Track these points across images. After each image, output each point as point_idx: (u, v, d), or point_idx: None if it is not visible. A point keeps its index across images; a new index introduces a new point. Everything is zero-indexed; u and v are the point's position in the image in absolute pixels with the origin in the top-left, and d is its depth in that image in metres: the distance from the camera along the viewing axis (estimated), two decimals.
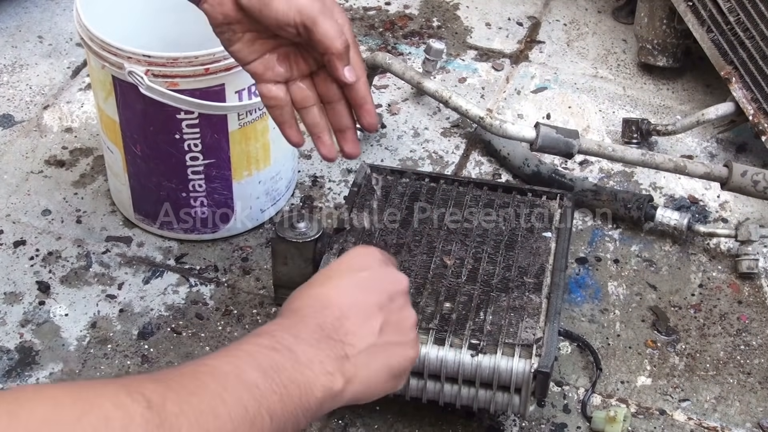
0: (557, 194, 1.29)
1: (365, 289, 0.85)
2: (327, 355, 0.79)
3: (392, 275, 0.89)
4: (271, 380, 0.72)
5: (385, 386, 0.85)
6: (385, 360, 0.84)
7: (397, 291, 0.87)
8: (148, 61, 1.20)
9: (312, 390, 0.76)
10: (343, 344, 0.80)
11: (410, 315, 0.88)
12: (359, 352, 0.81)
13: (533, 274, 1.18)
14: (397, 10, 1.81)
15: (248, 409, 0.69)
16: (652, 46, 1.63)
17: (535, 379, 1.07)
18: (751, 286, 1.36)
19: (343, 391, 0.79)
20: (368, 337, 0.83)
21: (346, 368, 0.80)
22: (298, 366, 0.75)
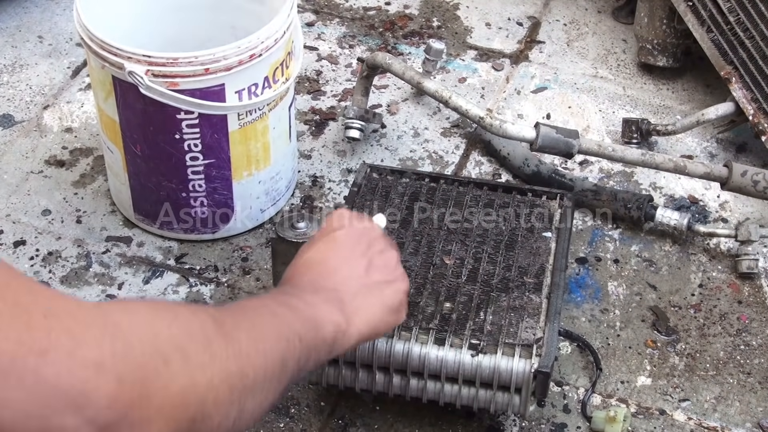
0: (557, 194, 1.29)
1: (344, 243, 0.98)
2: (325, 300, 0.90)
3: (365, 225, 1.02)
4: (294, 314, 0.84)
5: (387, 320, 0.97)
6: (379, 297, 0.96)
7: (374, 237, 1.00)
8: (148, 61, 1.20)
9: (324, 325, 0.87)
10: (336, 291, 0.92)
11: (392, 255, 1.01)
12: (353, 295, 0.93)
13: (533, 274, 1.18)
14: (397, 10, 1.81)
15: (283, 333, 0.80)
16: (652, 46, 1.63)
17: (535, 379, 1.07)
18: (751, 286, 1.36)
19: (349, 328, 0.90)
20: (357, 280, 0.95)
21: (345, 309, 0.91)
22: (308, 307, 0.87)
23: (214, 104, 1.24)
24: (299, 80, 1.65)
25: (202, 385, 0.67)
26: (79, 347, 0.60)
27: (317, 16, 1.79)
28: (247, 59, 1.23)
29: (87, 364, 0.60)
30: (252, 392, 0.73)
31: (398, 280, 0.99)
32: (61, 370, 0.59)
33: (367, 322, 0.93)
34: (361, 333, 0.92)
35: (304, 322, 0.85)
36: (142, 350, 0.64)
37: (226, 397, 0.69)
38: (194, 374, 0.67)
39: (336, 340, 0.89)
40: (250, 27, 1.26)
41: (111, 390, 0.61)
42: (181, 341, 0.67)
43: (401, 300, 0.98)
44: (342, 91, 1.64)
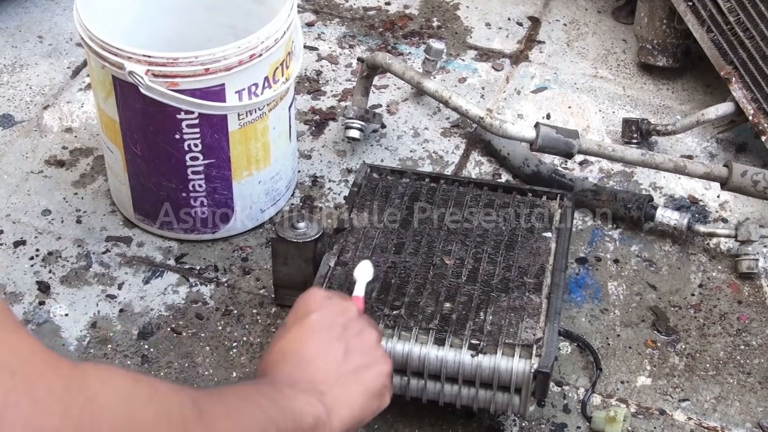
0: (557, 194, 1.29)
1: (318, 329, 0.91)
2: (303, 392, 0.85)
3: (339, 306, 0.94)
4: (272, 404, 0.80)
5: (371, 406, 0.91)
6: (360, 383, 0.90)
7: (349, 318, 0.93)
8: (148, 61, 1.20)
9: (303, 417, 0.83)
10: (314, 383, 0.87)
11: (370, 335, 0.94)
12: (332, 385, 0.88)
13: (533, 274, 1.18)
14: (397, 10, 1.81)
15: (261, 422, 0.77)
16: (652, 46, 1.63)
17: (535, 379, 1.07)
18: (751, 286, 1.36)
19: (330, 420, 0.85)
20: (335, 368, 0.89)
21: (325, 400, 0.86)
22: (286, 399, 0.83)
23: (214, 104, 1.24)
24: (299, 80, 1.65)
25: None
26: (40, 415, 0.56)
27: (317, 16, 1.79)
28: (247, 59, 1.23)
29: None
30: None
31: (379, 363, 0.93)
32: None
33: (349, 412, 0.88)
34: (343, 423, 0.87)
35: (283, 414, 0.81)
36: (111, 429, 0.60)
37: None
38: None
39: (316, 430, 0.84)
40: (250, 27, 1.26)
41: None
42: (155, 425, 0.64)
43: (384, 383, 0.92)
44: (342, 91, 1.64)
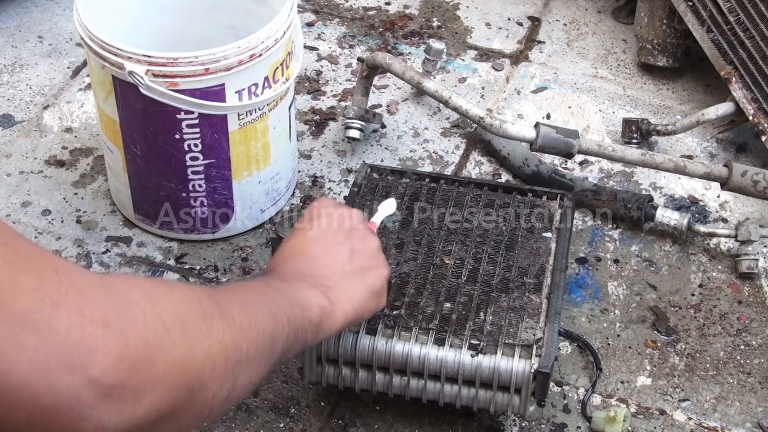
0: (557, 194, 1.29)
1: (325, 231, 1.02)
2: (310, 285, 0.93)
3: (345, 213, 1.05)
4: (281, 295, 0.87)
5: (370, 304, 1.00)
6: (362, 281, 0.99)
7: (354, 224, 1.04)
8: (148, 61, 1.20)
9: (310, 307, 0.90)
10: (320, 277, 0.95)
11: (373, 241, 1.04)
12: (337, 280, 0.96)
13: (533, 274, 1.18)
14: (397, 10, 1.81)
15: (273, 311, 0.83)
16: (652, 46, 1.63)
17: (535, 379, 1.07)
18: (751, 286, 1.36)
19: (334, 311, 0.93)
20: (340, 266, 0.98)
21: (329, 293, 0.94)
22: (293, 290, 0.90)
23: (214, 104, 1.24)
24: (299, 80, 1.65)
25: (200, 356, 0.69)
26: (87, 305, 0.61)
27: (317, 16, 1.79)
28: (247, 59, 1.23)
29: (95, 322, 0.61)
30: (245, 365, 0.75)
31: (380, 266, 1.02)
32: (72, 324, 0.60)
33: (351, 305, 0.96)
34: (346, 315, 0.96)
35: (291, 303, 0.88)
36: (144, 316, 0.65)
37: (221, 368, 0.71)
38: (193, 344, 0.68)
39: (322, 322, 0.92)
40: (250, 27, 1.26)
41: (116, 350, 0.61)
42: (179, 311, 0.69)
43: (382, 285, 1.02)
44: (342, 91, 1.64)
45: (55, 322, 0.59)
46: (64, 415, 0.60)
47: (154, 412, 0.64)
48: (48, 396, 0.59)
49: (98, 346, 0.60)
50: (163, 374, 0.65)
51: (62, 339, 0.59)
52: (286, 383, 1.23)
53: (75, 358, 0.60)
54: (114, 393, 0.61)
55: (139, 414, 0.63)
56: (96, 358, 0.60)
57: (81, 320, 0.60)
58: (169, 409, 0.66)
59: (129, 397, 0.62)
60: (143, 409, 0.63)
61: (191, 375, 0.68)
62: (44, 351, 0.59)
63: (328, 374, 1.13)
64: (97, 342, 0.60)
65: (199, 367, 0.69)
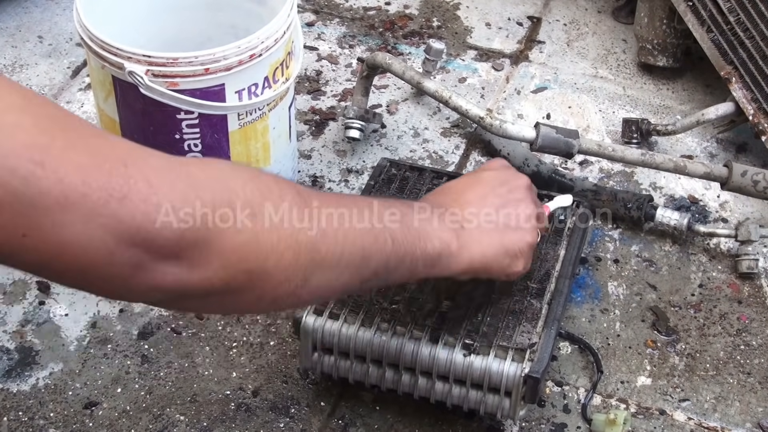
0: (573, 201, 1.29)
1: (485, 182, 1.02)
2: (444, 220, 0.92)
3: (514, 175, 1.05)
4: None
5: (502, 261, 0.99)
6: (500, 236, 0.98)
7: (517, 185, 1.03)
8: (148, 61, 1.20)
9: (430, 238, 0.89)
10: (460, 217, 0.95)
11: (528, 207, 1.02)
12: (474, 227, 0.95)
13: (538, 279, 1.18)
14: (397, 10, 1.81)
15: (374, 227, 0.83)
16: (652, 46, 1.63)
17: (525, 383, 1.07)
18: (751, 286, 1.36)
19: (459, 252, 0.92)
20: (485, 216, 0.97)
21: (461, 235, 0.93)
22: (417, 218, 0.89)
23: (214, 104, 1.24)
24: (299, 80, 1.65)
25: (266, 246, 0.71)
26: (155, 193, 0.67)
27: (317, 16, 1.79)
28: (247, 59, 1.23)
29: (159, 208, 0.67)
30: (321, 268, 0.76)
31: (525, 230, 1.01)
32: (137, 212, 0.66)
33: (481, 253, 0.95)
34: (472, 260, 0.94)
35: (406, 227, 0.87)
36: (212, 200, 0.69)
37: (288, 262, 0.73)
38: (259, 233, 0.71)
39: (441, 257, 0.91)
40: (250, 27, 1.26)
41: (177, 230, 0.67)
42: (253, 199, 0.71)
43: (521, 249, 1.00)
44: (342, 91, 1.64)
45: (122, 214, 0.65)
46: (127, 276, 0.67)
47: (208, 284, 0.70)
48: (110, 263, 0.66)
49: (160, 228, 0.67)
50: (221, 254, 0.69)
51: (127, 226, 0.65)
52: (286, 383, 1.23)
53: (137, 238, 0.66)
54: (169, 259, 0.68)
55: (192, 281, 0.69)
56: (156, 237, 0.67)
57: (146, 207, 0.66)
58: (223, 286, 0.70)
59: (184, 266, 0.68)
60: (196, 279, 0.69)
61: (251, 261, 0.70)
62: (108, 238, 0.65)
63: (322, 363, 1.13)
64: (159, 226, 0.66)
65: (263, 255, 0.71)
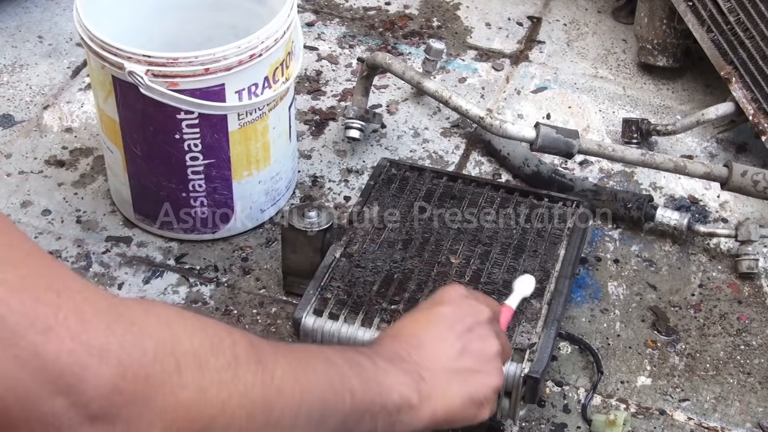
0: (573, 201, 1.29)
1: (443, 320, 0.90)
2: (403, 372, 0.83)
3: (473, 307, 0.93)
4: (354, 369, 0.79)
5: (467, 412, 0.89)
6: (464, 385, 0.88)
7: (478, 321, 0.92)
8: (148, 61, 1.20)
9: (390, 392, 0.81)
10: (418, 367, 0.85)
11: (492, 344, 0.92)
12: (434, 375, 0.86)
13: (537, 279, 1.18)
14: (397, 10, 1.81)
15: (332, 381, 0.75)
16: (652, 46, 1.63)
17: (525, 383, 1.07)
18: (751, 286, 1.36)
19: (421, 407, 0.83)
20: (445, 362, 0.87)
21: (421, 386, 0.84)
22: (376, 369, 0.81)
23: (214, 104, 1.24)
24: (299, 80, 1.65)
25: (215, 404, 0.64)
26: (86, 332, 0.58)
27: (317, 16, 1.79)
28: (247, 59, 1.23)
29: (91, 350, 0.58)
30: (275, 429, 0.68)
31: (490, 374, 0.91)
32: (62, 351, 0.57)
33: (444, 407, 0.86)
34: (435, 415, 0.85)
35: (364, 381, 0.79)
36: (154, 349, 0.61)
37: (242, 424, 0.65)
38: (208, 389, 0.63)
39: (401, 413, 0.82)
40: (250, 27, 1.26)
41: (111, 379, 0.58)
42: (201, 351, 0.64)
43: (487, 395, 0.90)
44: (342, 91, 1.64)
45: (42, 348, 0.57)
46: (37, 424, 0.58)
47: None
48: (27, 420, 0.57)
49: (89, 374, 0.58)
50: (164, 414, 0.60)
51: (48, 366, 0.57)
52: None
53: (60, 384, 0.57)
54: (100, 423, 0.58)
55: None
56: (86, 387, 0.57)
57: (74, 346, 0.57)
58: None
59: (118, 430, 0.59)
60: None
61: (198, 423, 0.62)
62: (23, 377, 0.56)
63: None
64: (89, 371, 0.58)
65: (211, 416, 0.63)
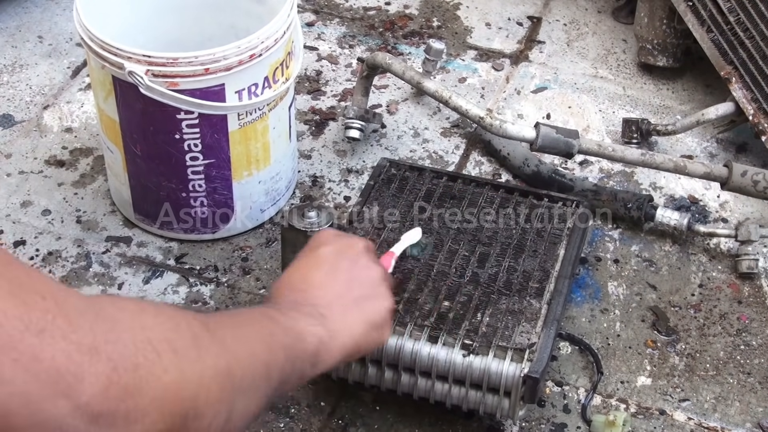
0: (573, 201, 1.29)
1: (325, 260, 0.98)
2: (306, 315, 0.90)
3: (348, 242, 1.02)
4: (275, 324, 0.84)
5: (370, 337, 0.96)
6: (360, 312, 0.96)
7: (356, 253, 1.00)
8: (148, 61, 1.20)
9: (305, 337, 0.87)
10: (317, 307, 0.92)
11: (375, 271, 1.01)
12: (333, 311, 0.92)
13: (537, 279, 1.18)
14: (397, 10, 1.81)
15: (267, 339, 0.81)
16: (652, 46, 1.63)
17: (524, 383, 1.07)
18: (751, 286, 1.36)
19: (331, 342, 0.90)
20: (338, 296, 0.95)
21: (326, 324, 0.90)
22: (289, 320, 0.87)
23: (214, 104, 1.24)
24: (299, 80, 1.65)
25: (194, 380, 0.67)
26: (74, 331, 0.60)
27: (317, 16, 1.79)
28: (247, 59, 1.23)
29: (82, 348, 0.59)
30: (240, 393, 0.72)
31: (380, 297, 0.99)
32: (57, 351, 0.58)
33: (350, 336, 0.93)
34: (344, 347, 0.92)
35: (285, 332, 0.85)
36: (133, 340, 0.63)
37: (216, 395, 0.69)
38: (185, 368, 0.66)
39: (319, 353, 0.88)
40: (250, 27, 1.26)
41: (105, 376, 0.60)
42: (168, 335, 0.67)
43: (384, 317, 0.98)
44: (342, 91, 1.64)
45: (39, 350, 0.58)
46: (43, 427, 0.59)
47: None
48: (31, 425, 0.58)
49: (85, 373, 0.59)
50: (155, 400, 0.63)
51: (46, 367, 0.58)
52: None
53: (61, 385, 0.58)
54: (102, 420, 0.60)
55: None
56: (83, 386, 0.59)
57: (67, 347, 0.59)
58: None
59: (119, 425, 0.61)
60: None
61: (185, 402, 0.65)
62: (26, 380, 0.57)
63: None
64: (84, 369, 0.59)
65: (193, 393, 0.66)
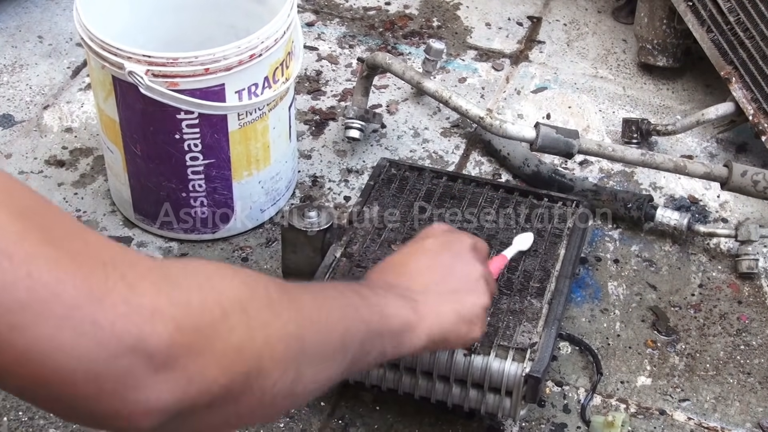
0: (573, 201, 1.30)
1: (428, 250, 1.00)
2: (399, 296, 0.91)
3: (455, 237, 1.03)
4: (360, 298, 0.85)
5: (459, 329, 0.96)
6: (455, 304, 0.96)
7: (462, 248, 1.01)
8: (148, 61, 1.20)
9: (392, 317, 0.88)
10: (410, 290, 0.93)
11: (476, 268, 1.00)
12: (427, 298, 0.93)
13: (538, 279, 1.18)
14: (397, 10, 1.81)
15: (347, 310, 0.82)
16: (652, 46, 1.63)
17: (526, 383, 1.07)
18: (751, 286, 1.36)
19: (419, 326, 0.90)
20: (434, 285, 0.96)
21: (417, 308, 0.91)
22: (378, 297, 0.88)
23: (214, 104, 1.24)
24: (299, 80, 1.65)
25: (260, 341, 0.68)
26: (136, 295, 0.61)
27: (317, 16, 1.79)
28: (247, 59, 1.23)
29: (143, 311, 0.61)
30: (309, 359, 0.74)
31: (478, 293, 0.99)
32: (117, 316, 0.60)
33: (439, 325, 0.93)
34: (431, 334, 0.92)
35: (371, 308, 0.85)
36: (200, 300, 0.65)
37: (281, 355, 0.70)
38: (253, 330, 0.68)
39: (404, 334, 0.89)
40: (250, 27, 1.26)
41: (167, 335, 0.62)
42: (241, 296, 0.68)
43: (477, 313, 0.98)
44: (342, 91, 1.64)
45: (100, 316, 0.60)
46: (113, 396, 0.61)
47: (207, 394, 0.65)
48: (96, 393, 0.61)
49: (147, 334, 0.61)
50: (218, 357, 0.65)
51: (107, 333, 0.60)
52: None
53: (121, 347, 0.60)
54: (163, 373, 0.62)
55: (191, 394, 0.64)
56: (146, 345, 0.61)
57: (127, 310, 0.61)
58: (224, 392, 0.66)
59: (180, 378, 0.63)
60: (195, 391, 0.64)
61: (248, 361, 0.67)
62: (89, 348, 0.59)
63: None
64: (145, 330, 0.61)
65: (257, 353, 0.68)
